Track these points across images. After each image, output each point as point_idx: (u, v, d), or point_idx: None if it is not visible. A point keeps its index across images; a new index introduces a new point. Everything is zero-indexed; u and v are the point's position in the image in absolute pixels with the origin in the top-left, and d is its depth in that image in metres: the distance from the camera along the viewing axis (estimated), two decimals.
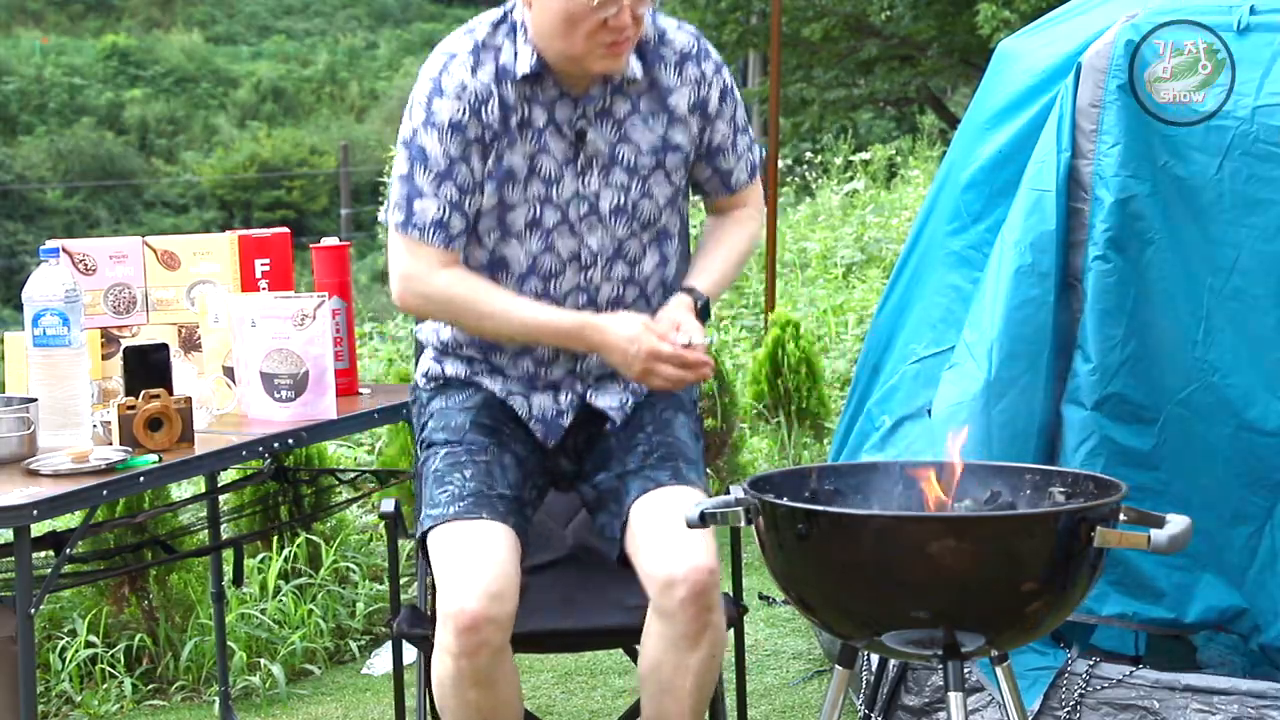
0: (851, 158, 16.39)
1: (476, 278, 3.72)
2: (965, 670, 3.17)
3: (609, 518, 3.81)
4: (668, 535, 3.58)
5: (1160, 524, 3.11)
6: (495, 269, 3.77)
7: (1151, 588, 4.35)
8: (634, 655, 4.41)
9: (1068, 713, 4.23)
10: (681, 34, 3.80)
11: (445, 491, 3.69)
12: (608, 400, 3.87)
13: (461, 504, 3.66)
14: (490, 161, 3.69)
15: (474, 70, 3.68)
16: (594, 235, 3.76)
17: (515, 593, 3.58)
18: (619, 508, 3.76)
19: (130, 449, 3.78)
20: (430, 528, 3.66)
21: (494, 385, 3.86)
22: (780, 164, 17.89)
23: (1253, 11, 4.34)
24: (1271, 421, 4.33)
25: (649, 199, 3.77)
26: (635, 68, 3.72)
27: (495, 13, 3.74)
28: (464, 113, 3.65)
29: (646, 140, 3.76)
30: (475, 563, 3.56)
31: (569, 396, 3.87)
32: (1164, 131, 4.32)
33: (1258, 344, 4.32)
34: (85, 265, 4.43)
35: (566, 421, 3.87)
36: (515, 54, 3.68)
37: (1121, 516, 3.11)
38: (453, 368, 3.90)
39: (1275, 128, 4.25)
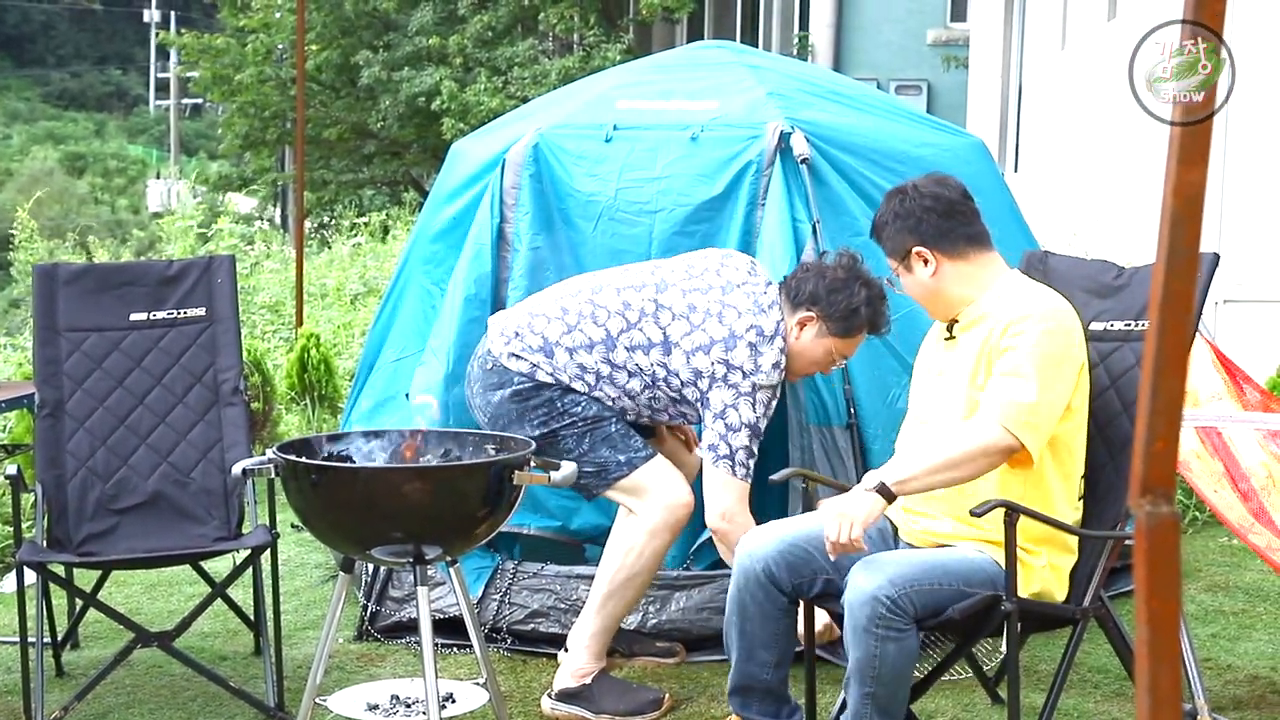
0: (357, 221, 16.17)
1: None
2: (430, 571, 3.18)
3: None
4: None
5: (557, 469, 3.18)
6: None
7: (549, 510, 4.38)
8: (201, 571, 4.26)
9: (501, 596, 4.27)
10: None
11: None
12: None
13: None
14: None
15: None
16: None
17: None
18: None
19: None
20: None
21: None
22: (307, 225, 17.67)
23: (615, 128, 4.47)
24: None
25: None
26: None
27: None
28: None
29: None
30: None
31: None
32: (560, 204, 4.37)
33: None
34: None
35: None
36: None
37: (531, 464, 3.16)
38: None
39: (631, 201, 4.36)
